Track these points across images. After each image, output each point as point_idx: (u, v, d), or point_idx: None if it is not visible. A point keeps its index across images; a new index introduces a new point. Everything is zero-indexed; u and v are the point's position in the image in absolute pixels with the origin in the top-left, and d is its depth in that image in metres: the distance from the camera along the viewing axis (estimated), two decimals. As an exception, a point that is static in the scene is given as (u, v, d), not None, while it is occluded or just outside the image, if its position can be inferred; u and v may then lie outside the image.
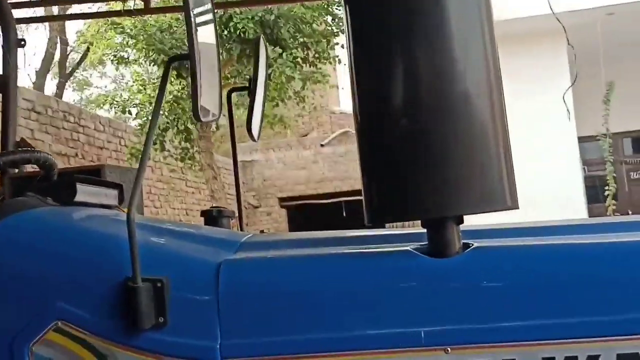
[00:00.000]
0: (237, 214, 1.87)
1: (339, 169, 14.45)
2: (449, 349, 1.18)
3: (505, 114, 1.27)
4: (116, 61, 9.74)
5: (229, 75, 8.41)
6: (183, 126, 9.32)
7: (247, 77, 1.89)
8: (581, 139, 10.12)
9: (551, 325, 1.17)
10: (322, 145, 14.72)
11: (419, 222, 1.28)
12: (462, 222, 1.26)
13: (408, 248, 1.29)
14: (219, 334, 1.23)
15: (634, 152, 12.63)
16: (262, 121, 1.90)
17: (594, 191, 10.94)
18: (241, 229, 1.86)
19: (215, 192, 9.45)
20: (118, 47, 9.72)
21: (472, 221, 1.39)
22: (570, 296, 1.19)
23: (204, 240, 1.51)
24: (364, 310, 1.24)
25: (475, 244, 1.27)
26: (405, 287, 1.25)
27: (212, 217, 1.81)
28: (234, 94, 1.96)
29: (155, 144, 9.09)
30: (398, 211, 1.26)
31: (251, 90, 1.83)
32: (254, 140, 1.88)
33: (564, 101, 5.41)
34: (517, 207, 1.24)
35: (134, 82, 10.57)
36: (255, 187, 14.83)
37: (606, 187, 9.25)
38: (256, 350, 1.23)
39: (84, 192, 1.55)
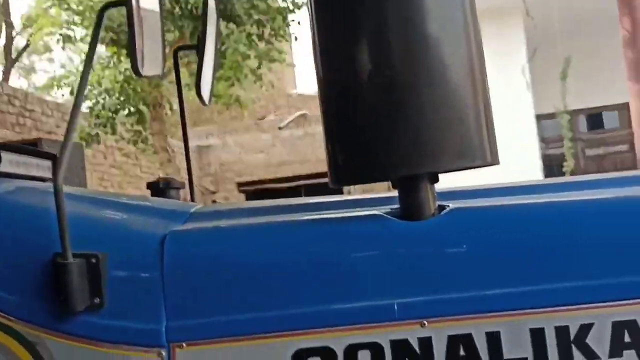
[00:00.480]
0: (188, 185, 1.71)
1: (298, 152, 14.32)
2: (425, 322, 1.05)
3: (484, 62, 1.14)
4: (62, 40, 9.36)
5: (181, 55, 8.15)
6: (135, 108, 9.05)
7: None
8: (537, 117, 10.17)
9: (539, 292, 1.05)
10: (279, 129, 14.56)
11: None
12: (437, 180, 1.14)
13: (377, 212, 1.16)
14: (164, 314, 1.09)
15: (588, 129, 12.80)
16: (213, 83, 1.74)
17: (550, 170, 11.04)
18: (192, 200, 1.70)
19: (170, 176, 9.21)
20: (64, 26, 9.35)
21: (444, 184, 1.26)
22: (559, 259, 1.08)
23: (149, 212, 1.36)
24: (328, 282, 1.11)
25: (451, 205, 1.15)
26: (374, 254, 1.12)
27: (159, 188, 1.65)
28: (180, 53, 1.80)
29: (105, 126, 8.82)
30: (365, 170, 1.12)
31: (199, 49, 1.67)
32: (204, 104, 1.71)
33: (523, 74, 5.37)
34: (497, 163, 1.12)
35: (81, 62, 10.20)
36: (213, 172, 14.59)
37: (564, 164, 9.31)
38: (208, 331, 1.09)
39: (11, 162, 1.41)
